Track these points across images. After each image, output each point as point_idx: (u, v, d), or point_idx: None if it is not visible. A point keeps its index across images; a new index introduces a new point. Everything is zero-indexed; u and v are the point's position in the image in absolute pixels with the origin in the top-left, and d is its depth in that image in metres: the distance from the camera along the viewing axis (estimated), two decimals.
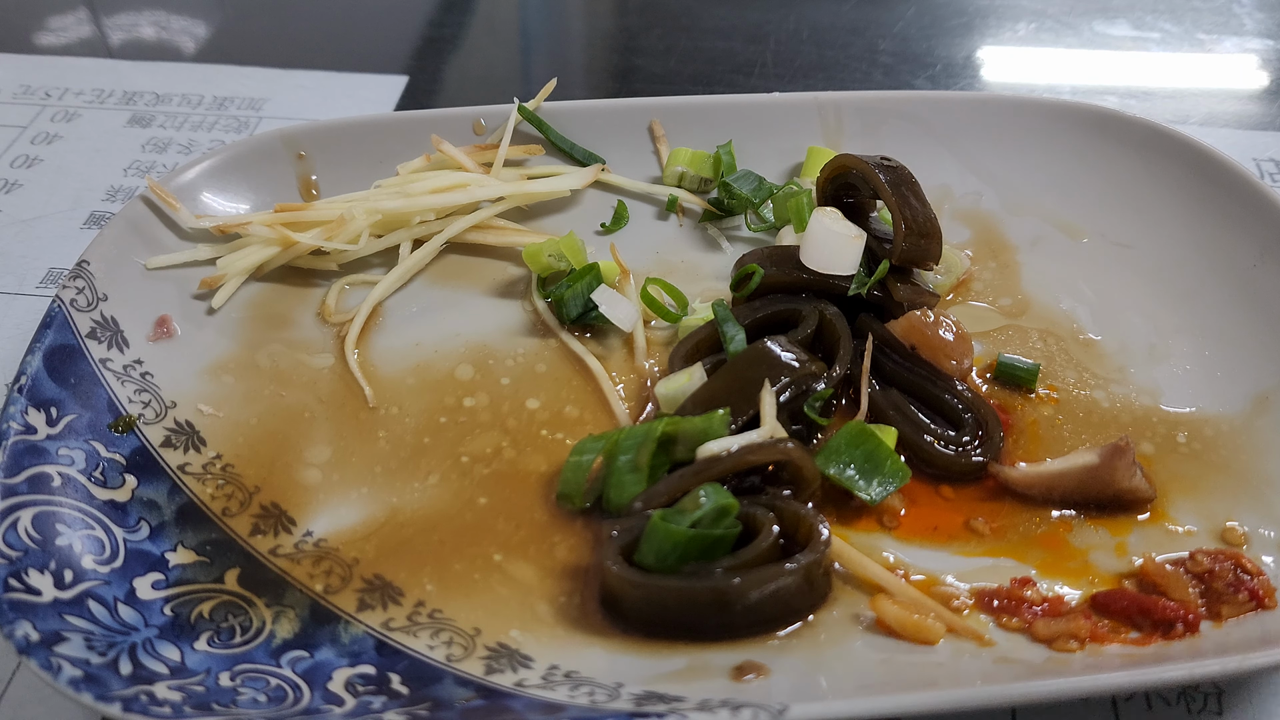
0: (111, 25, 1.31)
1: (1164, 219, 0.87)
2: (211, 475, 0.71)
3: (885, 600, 0.63)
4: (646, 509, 0.66)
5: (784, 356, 0.73)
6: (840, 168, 0.82)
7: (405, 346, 0.82)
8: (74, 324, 0.74)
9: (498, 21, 1.40)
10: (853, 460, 0.69)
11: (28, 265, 0.93)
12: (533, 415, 0.77)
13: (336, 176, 0.92)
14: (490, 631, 0.63)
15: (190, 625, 0.63)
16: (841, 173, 0.82)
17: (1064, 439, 0.74)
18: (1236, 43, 1.27)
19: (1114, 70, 1.23)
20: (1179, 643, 0.61)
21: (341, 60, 1.22)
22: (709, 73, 1.23)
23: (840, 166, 0.81)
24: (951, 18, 1.34)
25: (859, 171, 0.80)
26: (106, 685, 0.56)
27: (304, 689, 0.59)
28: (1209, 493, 0.70)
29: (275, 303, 0.84)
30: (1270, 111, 1.15)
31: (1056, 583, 0.65)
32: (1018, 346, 0.81)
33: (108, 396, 0.73)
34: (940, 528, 0.69)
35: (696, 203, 0.93)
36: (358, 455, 0.74)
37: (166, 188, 0.85)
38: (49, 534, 0.63)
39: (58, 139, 1.08)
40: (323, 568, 0.67)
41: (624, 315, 0.81)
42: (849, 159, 0.81)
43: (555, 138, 0.95)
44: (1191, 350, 0.80)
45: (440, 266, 0.89)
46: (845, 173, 0.82)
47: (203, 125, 1.11)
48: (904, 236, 0.77)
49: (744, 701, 0.54)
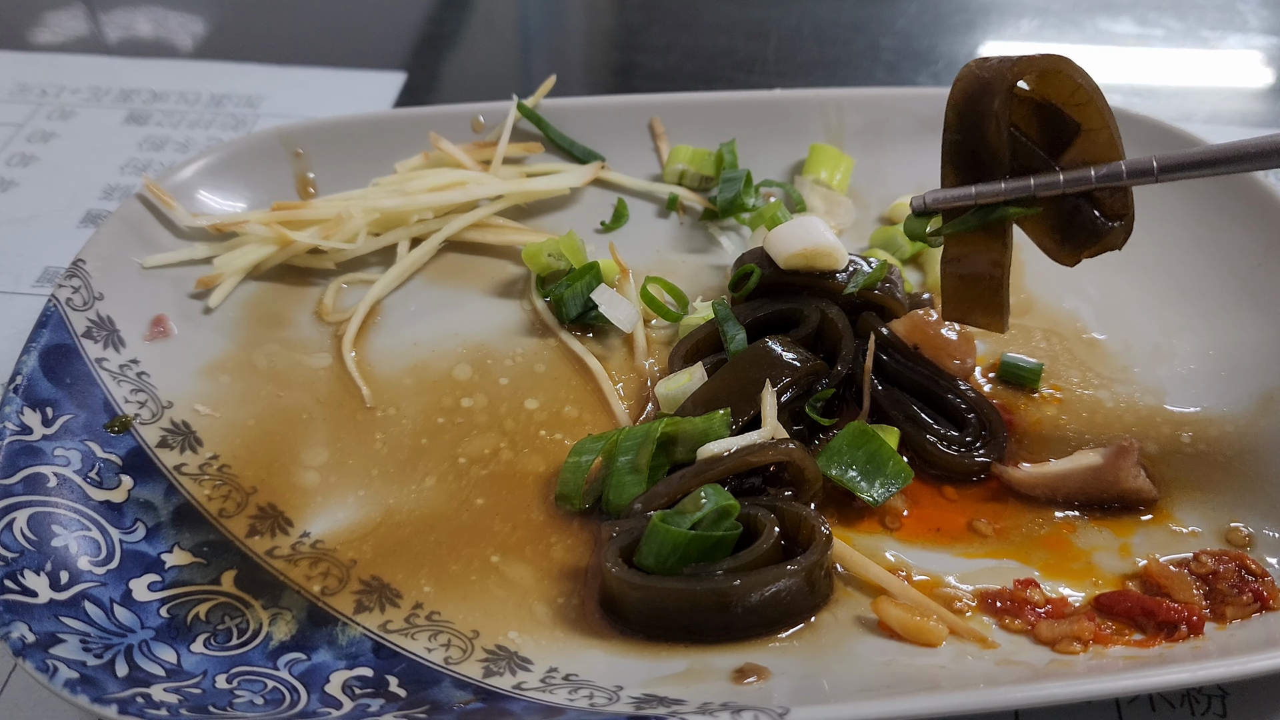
0: (108, 22, 1.30)
1: (1168, 218, 0.87)
2: (208, 476, 0.71)
3: (887, 602, 0.62)
4: (646, 510, 0.65)
5: (785, 356, 0.72)
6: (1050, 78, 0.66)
7: (403, 346, 0.81)
8: (70, 323, 0.74)
9: (497, 18, 1.40)
10: (855, 461, 0.69)
11: (23, 264, 0.93)
12: (531, 416, 0.76)
13: (334, 174, 0.91)
14: (489, 633, 0.63)
15: (187, 627, 0.62)
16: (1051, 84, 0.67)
17: (1068, 439, 0.74)
18: (1241, 40, 1.27)
19: (1118, 68, 1.23)
20: (1183, 644, 0.61)
21: (339, 57, 1.22)
22: (710, 70, 1.22)
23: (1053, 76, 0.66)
24: (954, 14, 1.34)
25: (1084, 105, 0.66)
26: (102, 687, 0.55)
27: (301, 691, 0.59)
28: (1213, 493, 0.70)
29: (272, 302, 0.84)
30: (1275, 109, 1.15)
31: (1060, 584, 0.65)
32: (1021, 346, 0.81)
33: (104, 396, 0.72)
34: (943, 529, 0.69)
35: (697, 201, 0.93)
36: (355, 457, 0.73)
37: (163, 186, 0.85)
38: (45, 535, 0.63)
39: (54, 137, 1.08)
40: (320, 569, 0.66)
41: (624, 315, 0.81)
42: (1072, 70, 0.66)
43: (555, 135, 0.95)
44: (1196, 350, 0.79)
45: (438, 265, 0.88)
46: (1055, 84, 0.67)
47: (199, 123, 1.11)
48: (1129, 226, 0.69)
49: (745, 704, 0.54)
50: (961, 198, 0.67)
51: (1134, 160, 0.65)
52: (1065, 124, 0.67)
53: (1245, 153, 0.62)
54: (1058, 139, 0.67)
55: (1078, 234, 0.68)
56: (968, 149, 0.67)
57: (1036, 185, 0.65)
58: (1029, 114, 0.68)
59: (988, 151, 0.66)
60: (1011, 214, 0.66)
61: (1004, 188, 0.66)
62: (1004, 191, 0.66)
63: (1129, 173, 0.65)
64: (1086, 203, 0.67)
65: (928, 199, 0.68)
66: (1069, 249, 0.69)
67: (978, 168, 0.67)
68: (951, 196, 0.67)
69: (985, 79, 0.65)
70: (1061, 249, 0.69)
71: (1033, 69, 0.65)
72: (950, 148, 0.68)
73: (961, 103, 0.66)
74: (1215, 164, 0.64)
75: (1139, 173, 0.65)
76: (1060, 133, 0.67)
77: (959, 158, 0.67)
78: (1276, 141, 0.62)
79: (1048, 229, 0.69)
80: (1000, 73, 0.65)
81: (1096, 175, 0.65)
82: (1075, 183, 0.65)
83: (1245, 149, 0.62)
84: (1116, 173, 0.65)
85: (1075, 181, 0.65)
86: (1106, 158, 0.66)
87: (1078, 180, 0.65)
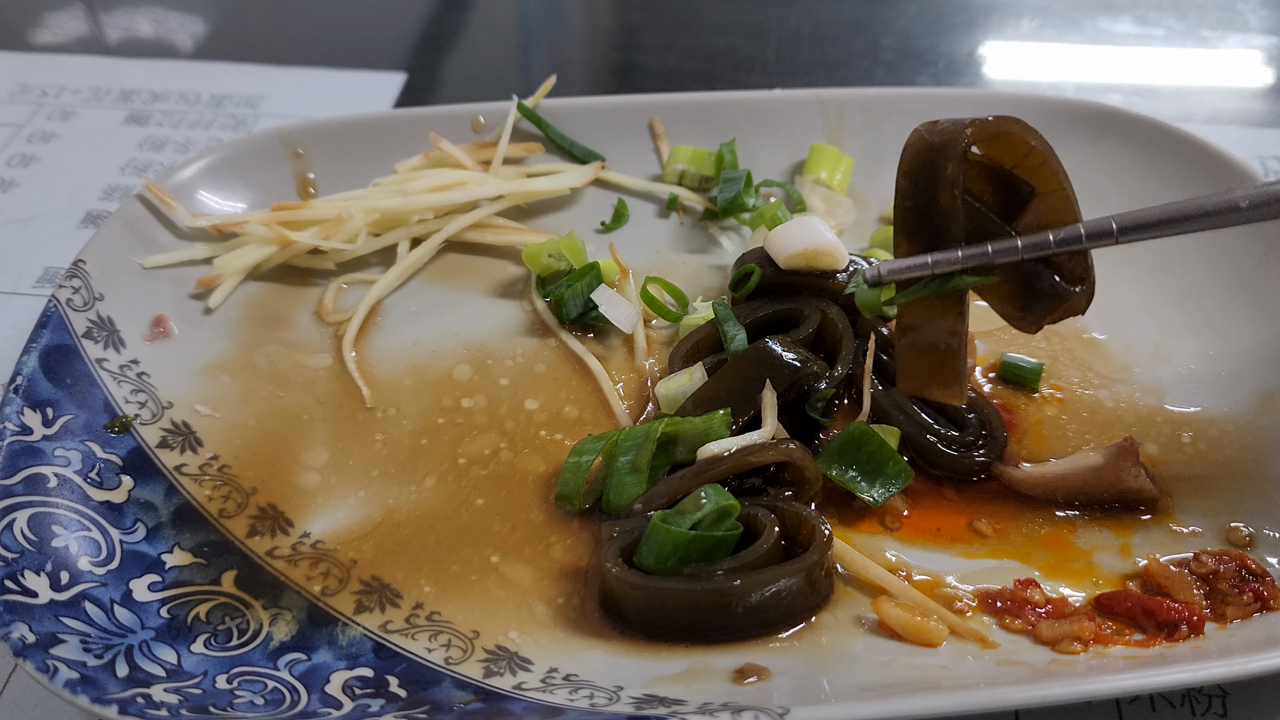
0: (108, 23, 1.30)
1: None
2: (208, 476, 0.71)
3: (887, 602, 0.62)
4: (646, 510, 0.65)
5: (785, 356, 0.72)
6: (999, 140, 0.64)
7: (403, 346, 0.81)
8: (70, 324, 0.74)
9: (497, 18, 1.40)
10: (855, 461, 0.69)
11: (24, 264, 0.93)
12: (531, 416, 0.76)
13: (334, 175, 0.91)
14: (489, 633, 0.63)
15: (187, 627, 0.62)
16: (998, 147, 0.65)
17: (1068, 439, 0.74)
18: (1241, 39, 1.27)
19: (1118, 67, 1.23)
20: (1183, 644, 0.61)
21: (339, 57, 1.22)
22: (710, 70, 1.22)
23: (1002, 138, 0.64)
24: (954, 14, 1.33)
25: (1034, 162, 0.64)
26: (103, 687, 0.55)
27: (301, 691, 0.59)
28: (1214, 493, 0.70)
29: (272, 302, 0.84)
30: (1275, 109, 1.15)
31: (1060, 584, 0.65)
32: (1021, 346, 0.81)
33: (104, 397, 0.72)
34: (943, 529, 0.69)
35: (697, 201, 0.93)
36: (355, 457, 0.73)
37: (163, 186, 0.85)
38: (45, 535, 0.63)
39: (54, 137, 1.08)
40: (320, 569, 0.66)
41: (624, 316, 0.81)
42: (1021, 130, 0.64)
43: (555, 135, 0.95)
44: (1196, 350, 0.79)
45: (438, 265, 0.88)
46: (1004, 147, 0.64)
47: (200, 123, 1.11)
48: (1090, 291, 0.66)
49: (745, 705, 0.54)
50: (917, 267, 0.64)
51: (1092, 222, 0.63)
52: (1019, 188, 0.65)
53: (1205, 210, 0.61)
54: (1012, 203, 0.65)
55: (1038, 300, 0.65)
56: (921, 215, 0.64)
57: (994, 252, 0.63)
58: (981, 179, 0.65)
59: (942, 218, 0.63)
60: (968, 282, 0.63)
61: (961, 256, 0.63)
62: (961, 260, 0.63)
63: (1088, 235, 0.62)
64: (1046, 268, 0.65)
65: (882, 270, 0.65)
66: (1031, 317, 0.66)
67: (932, 235, 0.64)
68: (907, 266, 0.64)
69: (937, 143, 0.62)
70: (1022, 317, 0.66)
71: (986, 131, 0.62)
72: (903, 215, 0.65)
73: (913, 168, 0.63)
74: (1175, 223, 0.61)
75: (1098, 235, 0.62)
76: (1014, 197, 0.65)
77: (912, 225, 0.64)
78: (1236, 199, 0.60)
79: (1006, 297, 0.66)
80: (953, 136, 0.62)
81: (1055, 239, 0.62)
82: (1034, 248, 0.63)
83: (1206, 206, 0.61)
84: (1075, 236, 0.62)
85: (1034, 246, 0.63)
86: (1063, 220, 0.64)
87: (1036, 245, 0.63)
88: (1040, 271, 0.65)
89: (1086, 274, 0.65)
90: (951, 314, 0.65)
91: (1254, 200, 0.60)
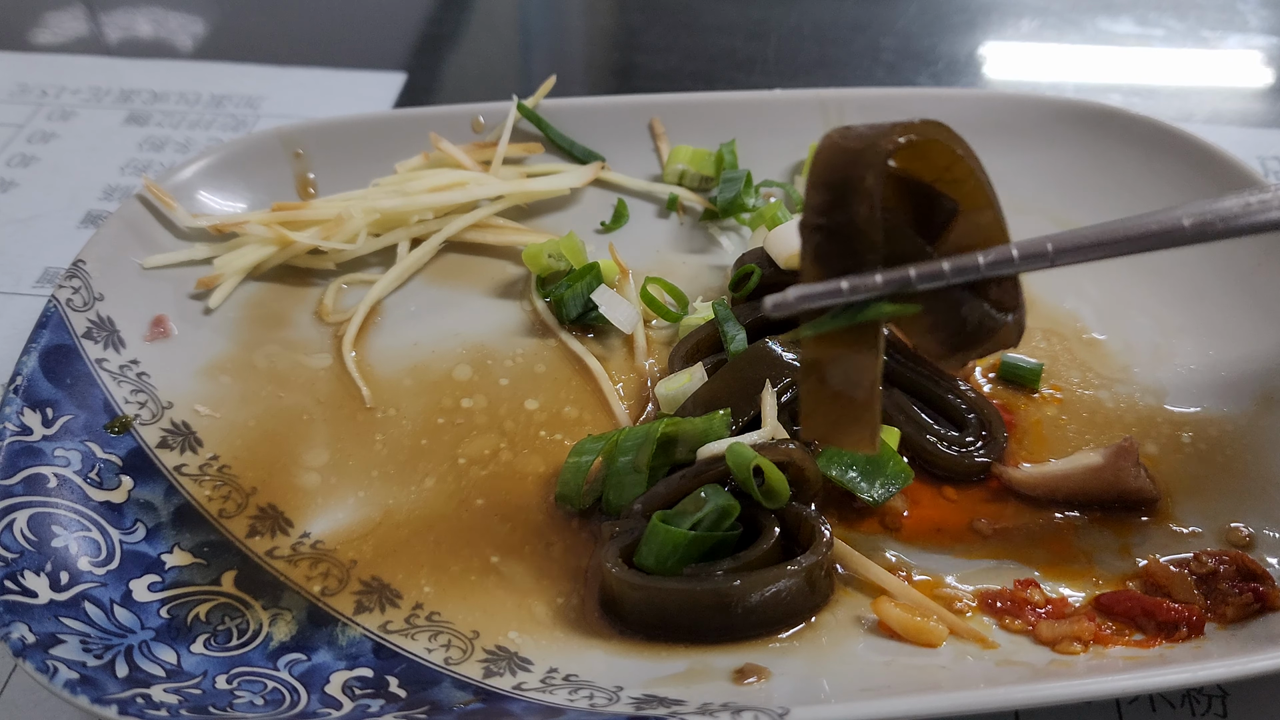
0: (108, 23, 1.30)
1: None
2: (208, 477, 0.71)
3: (887, 602, 0.62)
4: (646, 510, 0.65)
5: (785, 356, 0.72)
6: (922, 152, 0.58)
7: (403, 346, 0.81)
8: (70, 324, 0.74)
9: (497, 18, 1.40)
10: (855, 461, 0.69)
11: (24, 264, 0.93)
12: (531, 416, 0.76)
13: (334, 175, 0.91)
14: (489, 634, 0.63)
15: (187, 627, 0.62)
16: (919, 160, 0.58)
17: (1068, 439, 0.74)
18: (1241, 40, 1.27)
19: (1118, 67, 1.23)
20: (1183, 645, 0.61)
21: (339, 58, 1.22)
22: (710, 70, 1.22)
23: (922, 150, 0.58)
24: (954, 14, 1.33)
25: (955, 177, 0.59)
26: (102, 688, 0.55)
27: (301, 692, 0.59)
28: (1214, 494, 0.70)
29: (272, 302, 0.84)
30: (1275, 109, 1.15)
31: (1060, 584, 0.65)
32: (1021, 346, 0.80)
33: (104, 397, 0.72)
34: (943, 529, 0.69)
35: (697, 201, 0.93)
36: (355, 457, 0.73)
37: (163, 186, 0.85)
38: (45, 535, 0.63)
39: (54, 137, 1.08)
40: (320, 570, 0.66)
41: (624, 317, 0.81)
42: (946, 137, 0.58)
43: (555, 135, 0.95)
44: (1196, 350, 0.79)
45: (438, 266, 0.88)
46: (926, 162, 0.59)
47: (200, 123, 1.11)
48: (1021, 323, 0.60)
49: (745, 705, 0.54)
50: (829, 294, 0.54)
51: (1026, 243, 0.56)
52: (940, 205, 0.58)
53: (1148, 232, 0.56)
54: (932, 223, 0.58)
55: (964, 333, 0.58)
56: (835, 235, 0.55)
57: (917, 276, 0.54)
58: (896, 195, 0.58)
59: (859, 237, 0.54)
60: (886, 312, 0.55)
61: (880, 281, 0.54)
62: (880, 286, 0.54)
63: (1021, 257, 0.55)
64: (974, 295, 0.57)
65: (791, 296, 0.55)
66: (957, 352, 0.59)
67: (847, 257, 0.55)
68: (818, 293, 0.55)
69: (854, 149, 0.54)
70: (946, 352, 0.59)
71: (909, 135, 0.55)
72: (812, 234, 0.55)
73: (825, 179, 0.55)
74: (1116, 244, 0.56)
75: (1032, 257, 0.55)
76: (934, 215, 0.58)
77: (823, 246, 0.55)
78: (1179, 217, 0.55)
79: (928, 329, 0.58)
80: (872, 141, 0.54)
81: (985, 262, 0.55)
82: (962, 272, 0.55)
83: (1148, 227, 0.56)
84: (1007, 258, 0.55)
85: (962, 270, 0.55)
86: (990, 241, 0.57)
87: (964, 269, 0.55)
88: (966, 299, 0.57)
89: (1017, 303, 0.58)
90: (865, 350, 0.56)
91: (1197, 220, 0.56)
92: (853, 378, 0.57)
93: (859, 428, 0.57)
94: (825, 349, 0.57)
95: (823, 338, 0.57)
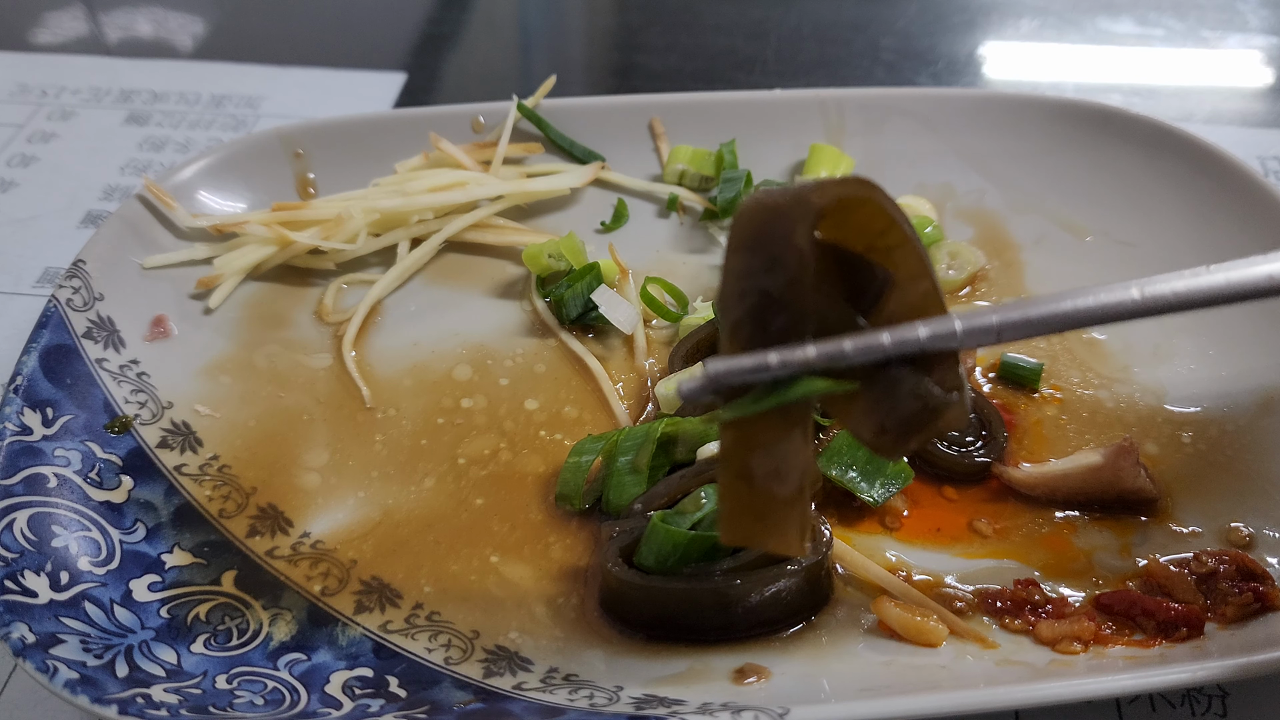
0: (108, 22, 1.30)
1: (1168, 217, 0.87)
2: (208, 477, 0.71)
3: (887, 602, 0.62)
4: (646, 510, 0.65)
5: None
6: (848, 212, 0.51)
7: (403, 346, 0.81)
8: (70, 324, 0.74)
9: (497, 18, 1.40)
10: (855, 461, 0.69)
11: (24, 265, 0.93)
12: (531, 416, 0.76)
13: (334, 175, 0.91)
14: (489, 633, 0.63)
15: (187, 627, 0.62)
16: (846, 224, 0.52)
17: (1068, 439, 0.74)
18: (1241, 39, 1.27)
19: (1118, 67, 1.23)
20: (1183, 644, 0.61)
21: (339, 57, 1.22)
22: (710, 70, 1.22)
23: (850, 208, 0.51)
24: (954, 14, 1.33)
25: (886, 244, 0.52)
26: (103, 688, 0.55)
27: (301, 692, 0.59)
28: (1214, 493, 0.70)
29: (272, 302, 0.84)
30: (1275, 109, 1.15)
31: (1060, 584, 0.65)
32: (1021, 346, 0.81)
33: (104, 397, 0.72)
34: (943, 529, 0.69)
35: (697, 201, 0.93)
36: (355, 458, 0.73)
37: (163, 187, 0.85)
38: (45, 535, 0.63)
39: (54, 138, 1.08)
40: (320, 569, 0.66)
41: (624, 317, 0.81)
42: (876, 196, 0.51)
43: (555, 135, 0.95)
44: (1196, 350, 0.79)
45: (438, 266, 0.88)
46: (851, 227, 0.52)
47: (200, 123, 1.11)
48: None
49: (745, 705, 0.54)
50: (757, 369, 0.48)
51: (970, 315, 0.51)
52: (873, 274, 0.52)
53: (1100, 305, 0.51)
54: (865, 294, 0.52)
55: (904, 414, 0.51)
56: (760, 301, 0.49)
57: (854, 349, 0.49)
58: (825, 267, 0.51)
59: (788, 303, 0.48)
60: (819, 388, 0.49)
61: (813, 354, 0.48)
62: (814, 358, 0.48)
63: (965, 331, 0.50)
64: (914, 372, 0.51)
65: (710, 370, 0.49)
66: (899, 436, 0.51)
67: (774, 327, 0.49)
68: (745, 368, 0.48)
69: (780, 205, 0.48)
70: (887, 436, 0.52)
71: (840, 194, 0.50)
72: (732, 306, 0.49)
73: (748, 241, 0.49)
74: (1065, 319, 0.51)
75: (978, 332, 0.50)
76: (867, 286, 0.52)
77: (746, 316, 0.49)
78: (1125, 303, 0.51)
79: (864, 411, 0.51)
80: (799, 198, 0.49)
81: (926, 335, 0.49)
82: (903, 345, 0.49)
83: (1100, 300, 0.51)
84: (950, 331, 0.50)
85: (903, 344, 0.49)
86: (928, 313, 0.51)
87: (905, 342, 0.49)
88: (907, 376, 0.51)
89: (959, 381, 0.52)
90: (794, 436, 0.50)
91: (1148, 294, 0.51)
92: (779, 469, 0.50)
93: (787, 529, 0.51)
94: (748, 435, 0.50)
95: (745, 422, 0.50)
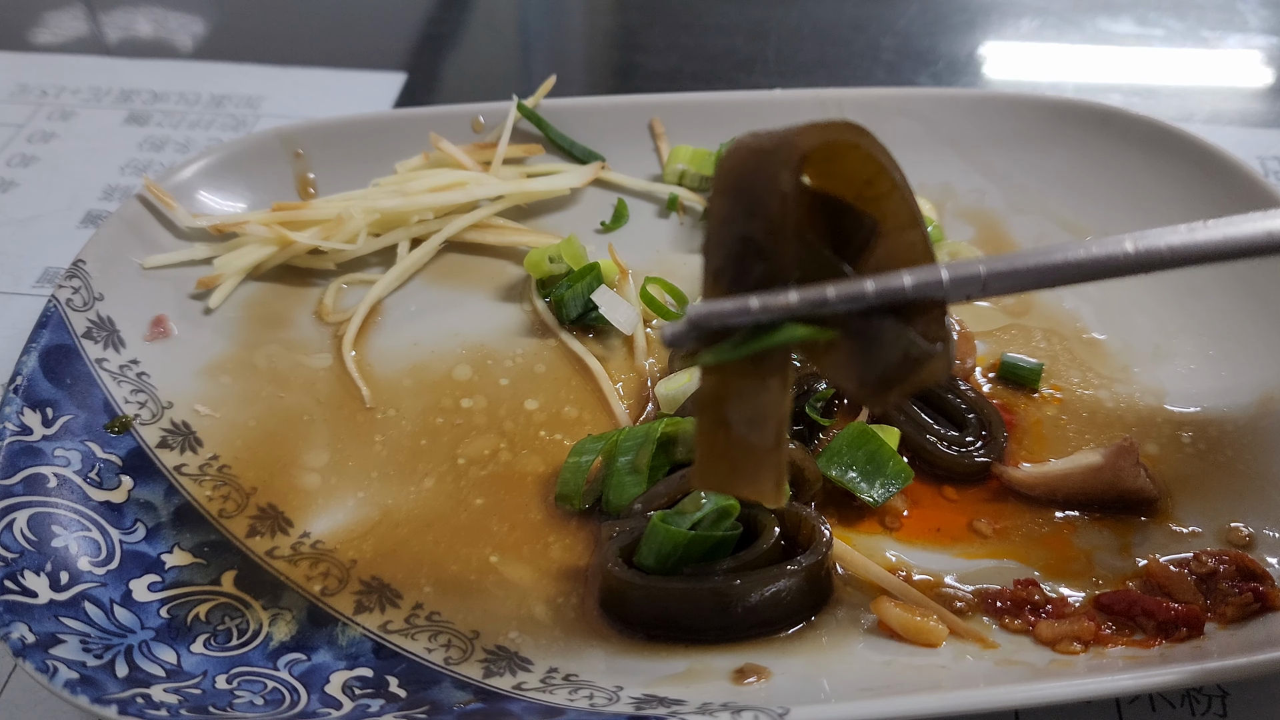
0: (108, 22, 1.30)
1: (1168, 217, 0.87)
2: (208, 477, 0.71)
3: (887, 602, 0.62)
4: (646, 510, 0.65)
5: None
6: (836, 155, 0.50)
7: (403, 346, 0.81)
8: (70, 324, 0.74)
9: (497, 18, 1.40)
10: (855, 461, 0.69)
11: (24, 264, 0.93)
12: (531, 416, 0.76)
13: (334, 175, 0.91)
14: (489, 634, 0.63)
15: (187, 627, 0.62)
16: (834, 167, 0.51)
17: (1068, 439, 0.74)
18: (1241, 39, 1.27)
19: (1118, 67, 1.23)
20: (1183, 644, 0.61)
21: (339, 58, 1.22)
22: (710, 70, 1.22)
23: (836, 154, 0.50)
24: (954, 14, 1.33)
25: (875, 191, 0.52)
26: (102, 688, 0.55)
27: (301, 692, 0.59)
28: (1214, 493, 0.70)
29: (272, 302, 0.84)
30: (1275, 109, 1.15)
31: (1060, 584, 0.65)
32: (1021, 346, 0.81)
33: (104, 397, 0.72)
34: (943, 529, 0.69)
35: (697, 201, 0.93)
36: (355, 458, 0.73)
37: (163, 186, 0.85)
38: (45, 535, 0.63)
39: (54, 137, 1.08)
40: (320, 569, 0.66)
41: (624, 318, 0.81)
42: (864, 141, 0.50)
43: (555, 135, 0.95)
44: (1196, 350, 0.79)
45: (438, 266, 0.88)
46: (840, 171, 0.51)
47: (200, 123, 1.11)
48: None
49: (745, 705, 0.54)
50: (738, 313, 0.48)
51: (957, 264, 0.49)
52: (859, 222, 0.51)
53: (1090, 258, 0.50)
54: (851, 243, 0.51)
55: (888, 363, 0.49)
56: (743, 244, 0.48)
57: (837, 296, 0.48)
58: (812, 215, 0.51)
59: (772, 247, 0.48)
60: (798, 335, 0.48)
61: (795, 299, 0.47)
62: (795, 304, 0.47)
63: (951, 281, 0.49)
64: (897, 322, 0.49)
65: (692, 315, 0.48)
66: (879, 386, 0.50)
67: (757, 271, 0.48)
68: (724, 311, 0.48)
69: (766, 148, 0.47)
70: (866, 387, 0.50)
71: (827, 135, 0.48)
72: (717, 245, 0.49)
73: (733, 184, 0.48)
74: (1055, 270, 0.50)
75: (964, 281, 0.49)
76: (854, 235, 0.51)
77: (728, 258, 0.49)
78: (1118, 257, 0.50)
79: (844, 361, 0.50)
80: (786, 140, 0.48)
81: (912, 284, 0.48)
82: (887, 293, 0.48)
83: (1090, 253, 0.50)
84: (936, 280, 0.48)
85: (887, 292, 0.48)
86: (915, 263, 0.50)
87: (889, 290, 0.48)
88: (889, 326, 0.49)
89: (945, 334, 0.51)
90: (772, 384, 0.49)
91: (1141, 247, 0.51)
92: (756, 417, 0.49)
93: (761, 477, 0.50)
94: (727, 381, 0.50)
95: (724, 368, 0.49)
